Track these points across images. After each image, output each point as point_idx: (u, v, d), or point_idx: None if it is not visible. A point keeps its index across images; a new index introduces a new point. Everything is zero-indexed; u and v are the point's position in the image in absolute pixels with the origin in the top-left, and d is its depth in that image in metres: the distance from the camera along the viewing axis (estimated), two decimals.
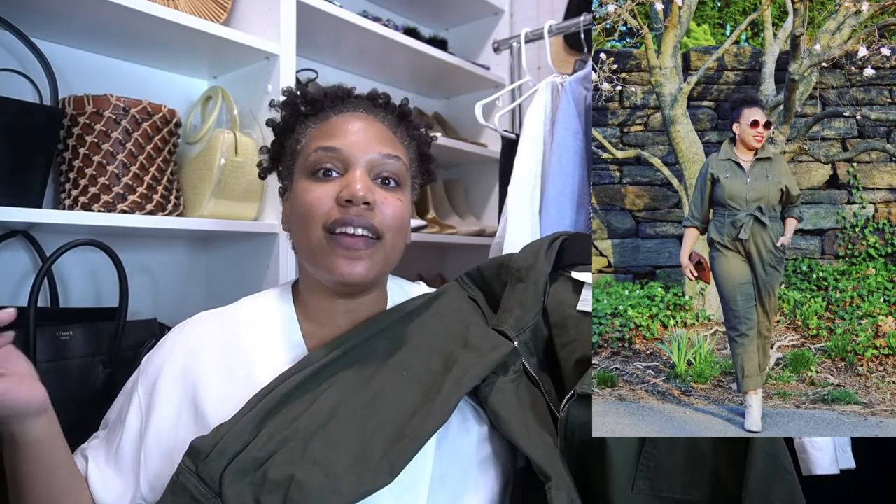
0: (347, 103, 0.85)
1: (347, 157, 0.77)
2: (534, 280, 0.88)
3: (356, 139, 0.78)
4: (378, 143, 0.79)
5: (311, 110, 0.85)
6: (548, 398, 0.81)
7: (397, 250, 0.81)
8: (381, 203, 0.77)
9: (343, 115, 0.82)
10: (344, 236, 0.74)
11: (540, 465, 0.70)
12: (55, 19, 1.16)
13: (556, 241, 0.93)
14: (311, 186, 0.77)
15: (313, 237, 0.76)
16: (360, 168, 0.77)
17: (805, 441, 0.94)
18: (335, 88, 0.86)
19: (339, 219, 0.74)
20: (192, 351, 0.78)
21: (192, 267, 1.49)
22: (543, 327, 0.88)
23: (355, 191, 0.74)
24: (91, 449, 0.80)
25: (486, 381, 0.77)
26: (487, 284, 0.95)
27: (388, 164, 0.79)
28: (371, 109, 0.85)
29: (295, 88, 0.88)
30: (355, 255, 0.75)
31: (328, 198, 0.76)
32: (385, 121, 0.85)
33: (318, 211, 0.75)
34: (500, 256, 0.97)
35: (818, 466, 0.93)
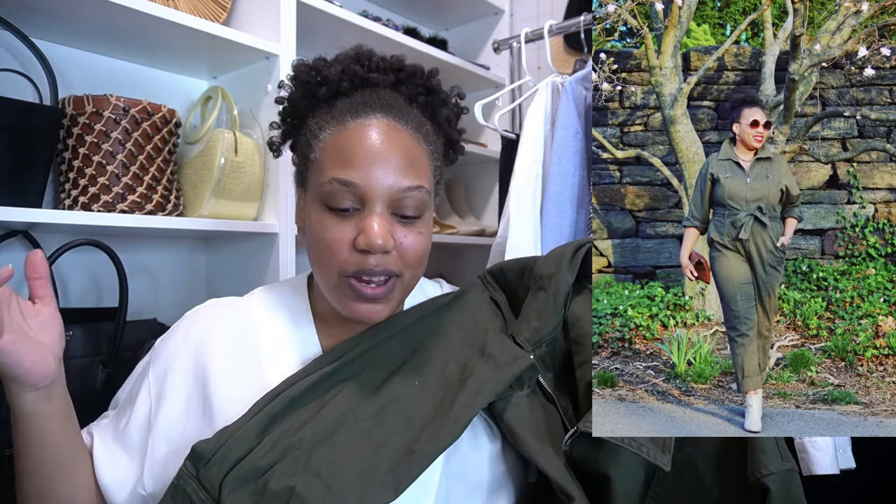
0: (367, 96, 0.77)
1: (364, 194, 0.72)
2: (554, 291, 0.81)
3: (374, 169, 0.72)
4: (399, 174, 0.72)
5: (325, 93, 0.79)
6: (563, 415, 0.77)
7: (416, 278, 0.78)
8: (400, 242, 0.73)
9: (360, 122, 0.74)
10: (362, 284, 0.72)
11: (562, 485, 0.66)
12: (55, 19, 1.16)
13: (581, 249, 0.85)
14: (328, 224, 0.73)
15: (330, 278, 0.74)
16: (379, 205, 0.72)
17: (805, 441, 0.94)
18: (353, 63, 0.80)
19: (358, 271, 0.71)
20: (205, 341, 0.77)
21: (192, 267, 1.49)
22: (562, 341, 0.81)
23: (372, 241, 0.70)
24: (99, 427, 0.79)
25: (502, 396, 0.73)
26: (510, 286, 0.90)
27: (408, 198, 0.73)
28: (393, 105, 0.77)
29: (309, 64, 0.81)
30: (374, 301, 0.73)
31: (344, 241, 0.72)
32: (409, 121, 0.77)
33: (337, 255, 0.72)
34: (525, 258, 0.91)
35: (818, 466, 0.93)
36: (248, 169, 1.28)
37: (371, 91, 0.79)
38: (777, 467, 0.63)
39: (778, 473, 0.62)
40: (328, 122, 0.76)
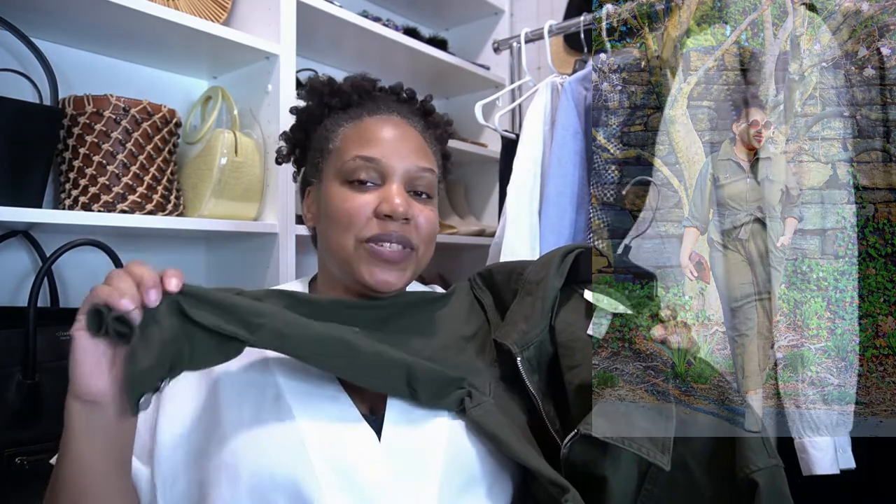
0: (379, 102, 0.86)
1: (385, 169, 0.79)
2: (542, 296, 0.83)
3: (393, 149, 0.80)
4: (414, 155, 0.81)
5: (338, 103, 0.86)
6: (546, 416, 0.77)
7: (427, 258, 0.84)
8: (417, 215, 0.79)
9: (377, 118, 0.83)
10: (382, 248, 0.77)
11: (553, 479, 0.67)
12: (55, 19, 1.16)
13: (569, 255, 0.87)
14: (348, 195, 0.78)
15: (348, 245, 0.78)
16: (398, 180, 0.79)
17: (805, 441, 0.94)
18: (361, 80, 0.88)
19: (378, 235, 0.77)
20: None
21: (192, 267, 1.49)
22: (549, 345, 0.83)
23: (395, 206, 0.76)
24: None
25: (476, 404, 0.74)
26: (497, 288, 0.92)
27: (423, 177, 0.81)
28: (401, 110, 0.86)
29: (322, 79, 0.89)
30: (391, 266, 0.78)
31: (366, 209, 0.77)
32: (416, 125, 0.86)
33: (357, 222, 0.77)
34: (514, 262, 0.94)
35: (818, 466, 0.93)
36: (248, 169, 1.28)
37: (380, 101, 0.87)
38: (764, 463, 0.65)
39: (766, 469, 0.65)
40: (345, 119, 0.85)
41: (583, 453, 0.70)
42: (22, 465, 0.96)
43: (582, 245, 0.88)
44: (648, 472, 0.71)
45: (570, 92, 1.28)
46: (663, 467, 0.65)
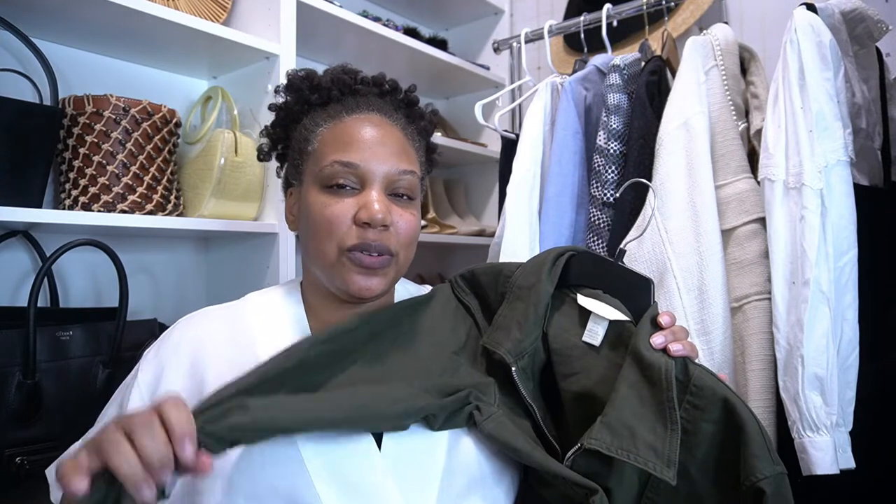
0: (359, 98, 0.84)
1: (364, 174, 0.77)
2: (534, 302, 0.78)
3: (373, 153, 0.78)
4: (395, 158, 0.79)
5: (318, 100, 0.84)
6: (543, 423, 0.77)
7: (408, 260, 0.82)
8: (396, 221, 0.78)
9: (356, 118, 0.81)
10: (361, 255, 0.76)
11: (579, 481, 0.67)
12: (55, 19, 1.16)
13: (560, 258, 0.81)
14: (327, 201, 0.77)
15: (329, 253, 0.77)
16: (377, 185, 0.78)
17: (805, 441, 0.94)
18: (341, 73, 0.86)
19: (357, 244, 0.75)
20: (201, 346, 0.77)
21: (192, 267, 1.49)
22: (542, 352, 0.80)
23: (374, 213, 0.75)
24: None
25: (486, 416, 0.74)
26: (483, 291, 0.87)
27: (403, 179, 0.79)
28: (382, 107, 0.84)
29: (301, 74, 0.86)
30: (371, 273, 0.77)
31: (345, 216, 0.76)
32: (397, 121, 0.84)
33: (336, 230, 0.76)
34: (500, 263, 0.88)
35: (818, 466, 0.93)
36: (248, 169, 1.28)
37: (360, 96, 0.85)
38: (770, 471, 0.64)
39: (772, 477, 0.64)
40: (324, 119, 0.82)
41: (586, 466, 0.70)
42: (22, 465, 0.95)
43: (573, 247, 0.83)
44: (650, 480, 0.70)
45: (570, 92, 1.28)
46: (669, 482, 0.65)
